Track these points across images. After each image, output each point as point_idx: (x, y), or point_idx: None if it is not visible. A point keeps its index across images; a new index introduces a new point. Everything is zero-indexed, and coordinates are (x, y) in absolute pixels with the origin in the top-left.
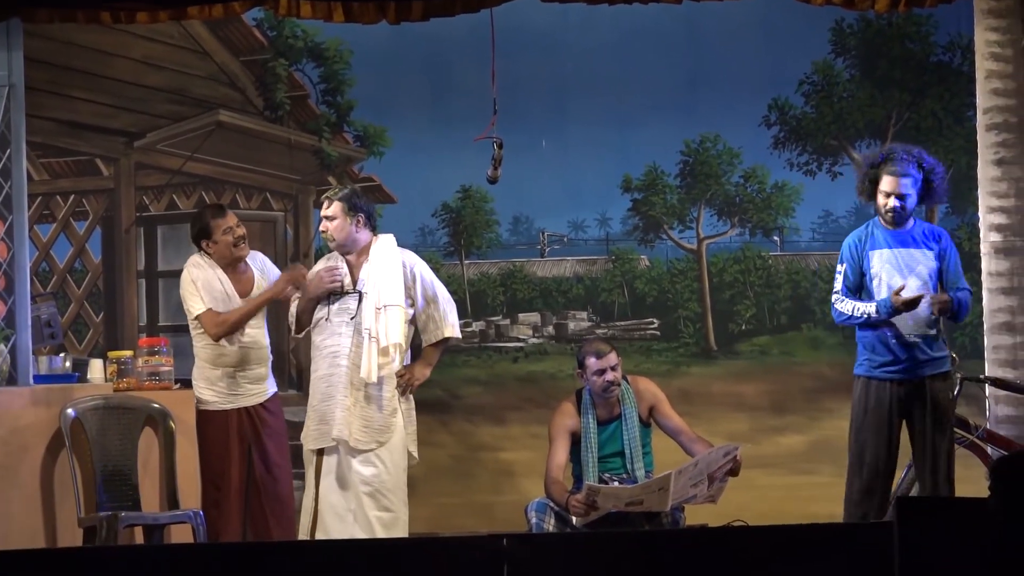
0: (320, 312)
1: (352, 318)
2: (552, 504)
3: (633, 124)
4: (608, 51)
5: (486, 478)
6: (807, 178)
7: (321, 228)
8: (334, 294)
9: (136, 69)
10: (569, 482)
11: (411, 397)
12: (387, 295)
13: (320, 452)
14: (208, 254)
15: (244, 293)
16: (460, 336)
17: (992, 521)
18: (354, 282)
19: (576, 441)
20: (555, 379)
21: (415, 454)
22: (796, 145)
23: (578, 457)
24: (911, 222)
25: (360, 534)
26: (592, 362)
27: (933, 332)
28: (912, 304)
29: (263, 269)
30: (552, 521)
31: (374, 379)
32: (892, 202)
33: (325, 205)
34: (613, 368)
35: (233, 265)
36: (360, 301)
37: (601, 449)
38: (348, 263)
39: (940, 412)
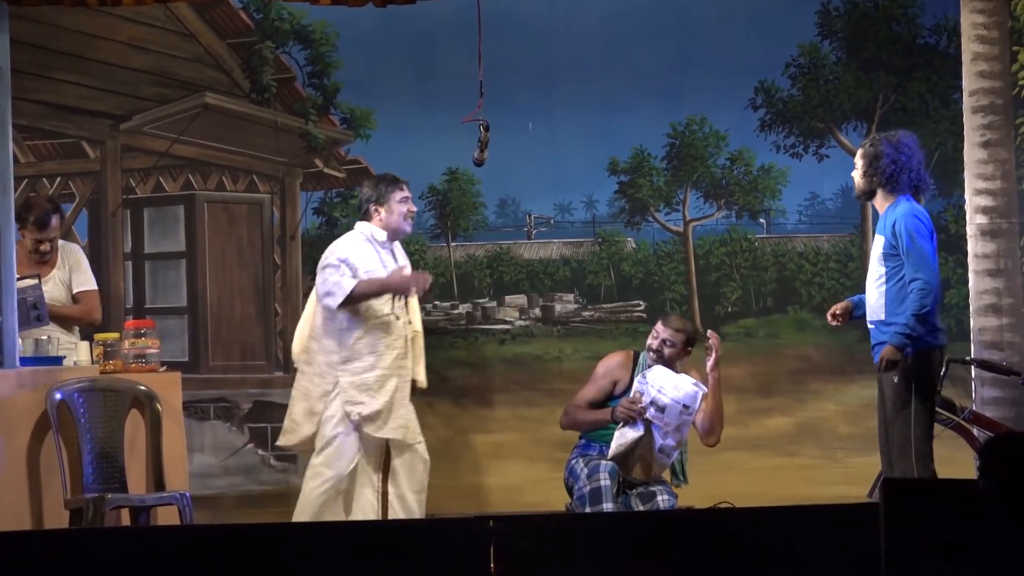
0: (384, 307)
1: (408, 320)
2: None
3: (619, 107)
4: (595, 34)
5: (473, 460)
6: (793, 160)
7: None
8: (400, 292)
9: (122, 51)
10: None
11: None
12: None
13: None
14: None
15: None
16: None
17: (980, 503)
18: None
19: (616, 391)
20: (542, 361)
21: None
22: (782, 128)
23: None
24: (894, 202)
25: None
26: (658, 324)
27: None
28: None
29: (66, 259)
30: (615, 489)
31: (425, 384)
32: None
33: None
34: (667, 343)
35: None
36: (406, 299)
37: None
38: (390, 254)
39: (887, 397)
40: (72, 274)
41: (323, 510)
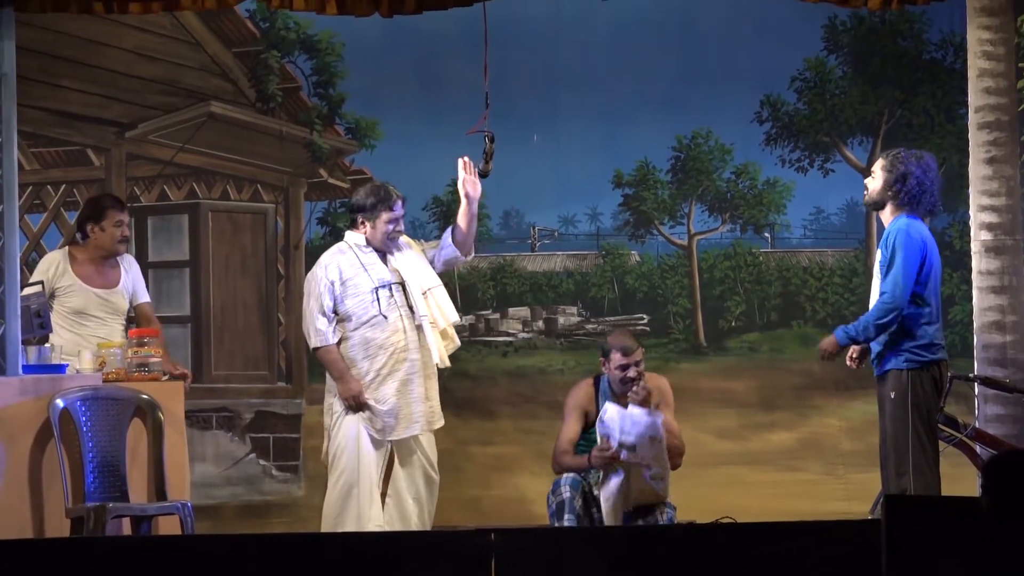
0: (370, 309)
1: (411, 310)
2: (582, 479)
3: (624, 119)
4: (600, 46)
5: (475, 472)
6: (799, 175)
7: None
8: (381, 287)
9: (128, 59)
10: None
11: None
12: (427, 278)
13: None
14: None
15: (106, 286)
16: None
17: (984, 520)
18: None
19: (590, 421)
20: (544, 373)
21: None
22: (788, 141)
23: (589, 437)
24: (897, 218)
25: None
26: (617, 357)
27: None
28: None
29: (129, 270)
30: (580, 500)
31: (447, 363)
32: None
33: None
34: (636, 365)
35: (108, 257)
36: (404, 290)
37: None
38: (380, 254)
39: (885, 413)
40: (135, 284)
41: (341, 512)
